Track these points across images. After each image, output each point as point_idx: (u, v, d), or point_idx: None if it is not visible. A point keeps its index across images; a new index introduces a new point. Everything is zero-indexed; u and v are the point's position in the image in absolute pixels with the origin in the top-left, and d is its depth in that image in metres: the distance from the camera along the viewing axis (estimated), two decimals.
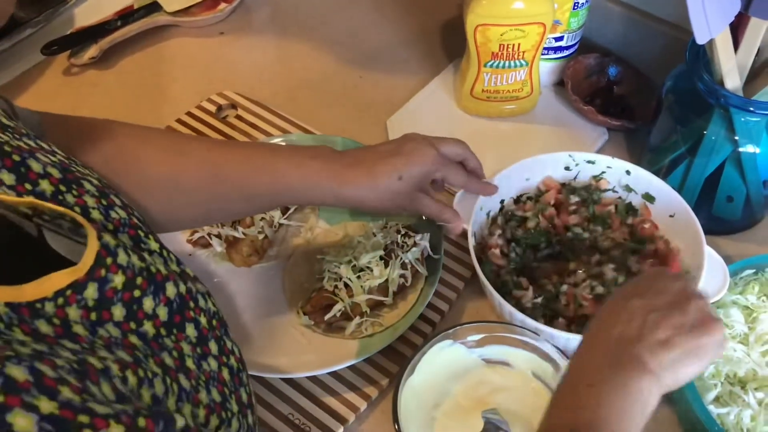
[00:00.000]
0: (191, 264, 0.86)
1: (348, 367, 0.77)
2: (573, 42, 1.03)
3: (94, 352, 0.42)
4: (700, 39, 0.76)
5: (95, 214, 0.51)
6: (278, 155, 0.73)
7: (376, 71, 1.12)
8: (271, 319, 0.82)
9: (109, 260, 0.46)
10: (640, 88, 1.03)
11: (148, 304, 0.49)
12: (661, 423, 0.76)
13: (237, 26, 1.19)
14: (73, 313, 0.44)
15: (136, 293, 0.48)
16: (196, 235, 0.86)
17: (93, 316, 0.45)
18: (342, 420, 0.75)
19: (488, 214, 0.85)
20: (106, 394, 0.39)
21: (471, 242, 0.80)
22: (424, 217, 0.88)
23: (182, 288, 0.51)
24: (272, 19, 1.21)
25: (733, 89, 0.80)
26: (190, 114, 1.03)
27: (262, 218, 0.86)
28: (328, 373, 0.78)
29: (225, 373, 0.53)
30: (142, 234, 0.54)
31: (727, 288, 0.75)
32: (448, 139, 0.80)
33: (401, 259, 0.82)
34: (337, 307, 0.79)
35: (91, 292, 0.45)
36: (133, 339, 0.47)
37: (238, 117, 1.03)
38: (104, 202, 0.53)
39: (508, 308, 0.75)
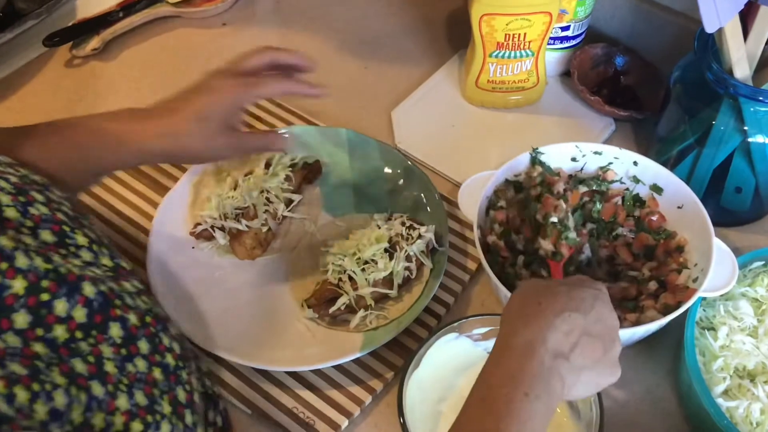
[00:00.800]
0: (194, 256, 0.85)
1: (353, 361, 0.77)
2: (580, 31, 1.02)
3: None
4: (709, 28, 0.75)
5: (10, 212, 0.49)
6: (71, 129, 0.71)
7: (381, 62, 1.11)
8: (275, 312, 0.81)
9: (4, 265, 0.44)
10: (648, 78, 1.02)
11: (60, 306, 0.46)
12: (670, 416, 0.75)
13: (240, 17, 1.18)
14: None
15: (44, 297, 0.45)
16: (200, 228, 0.85)
17: None
18: (347, 413, 0.75)
19: (494, 207, 0.84)
20: None
21: (476, 234, 0.79)
22: (429, 209, 0.88)
23: (104, 287, 0.49)
24: (275, 9, 1.20)
25: (743, 79, 0.79)
26: None
27: (266, 210, 0.85)
28: (333, 367, 0.77)
29: (156, 373, 0.50)
30: (67, 229, 0.52)
31: (736, 280, 0.74)
32: (246, 55, 0.76)
33: (406, 251, 0.81)
34: (342, 300, 0.79)
35: None
36: (37, 347, 0.44)
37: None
38: (22, 199, 0.51)
39: None
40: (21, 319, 0.44)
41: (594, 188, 0.85)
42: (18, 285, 0.44)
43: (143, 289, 0.54)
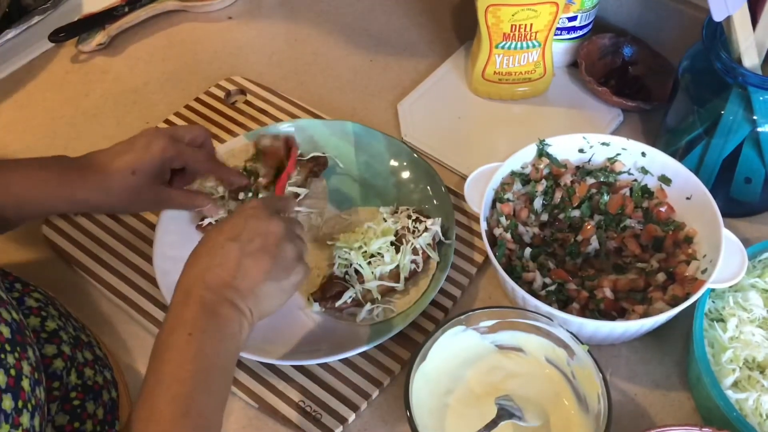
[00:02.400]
0: None
1: (359, 354, 0.77)
2: (587, 22, 1.01)
3: None
4: (717, 16, 0.74)
5: None
6: (3, 169, 0.74)
7: (387, 55, 1.11)
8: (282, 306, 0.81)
9: None
10: (656, 68, 1.01)
11: None
12: (679, 408, 0.75)
13: (245, 11, 1.18)
14: None
15: None
16: (206, 221, 0.85)
17: None
18: (353, 407, 0.75)
19: (500, 199, 0.84)
20: None
21: (483, 227, 0.79)
22: (435, 202, 0.87)
23: None
24: (281, 3, 1.20)
25: (752, 67, 0.78)
26: (198, 100, 1.02)
27: None
28: (340, 360, 0.77)
29: None
30: None
31: (746, 271, 0.74)
32: (184, 126, 0.82)
33: (412, 244, 0.81)
34: (348, 294, 0.78)
35: None
36: None
37: (247, 102, 1.02)
38: None
39: (521, 293, 0.73)
40: None
41: (602, 180, 0.85)
42: None
43: (4, 300, 0.55)
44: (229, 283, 0.62)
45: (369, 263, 0.79)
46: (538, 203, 0.84)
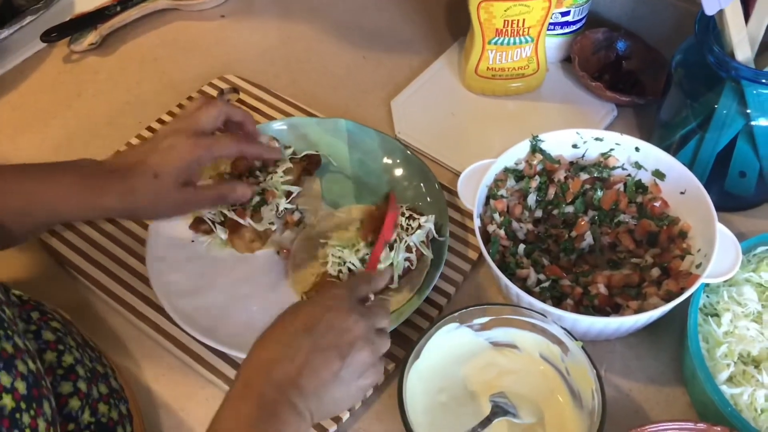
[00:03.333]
0: (194, 250, 0.85)
1: None
2: (580, 17, 1.01)
3: None
4: (709, 10, 0.74)
5: None
6: (27, 174, 0.71)
7: (380, 51, 1.10)
8: (275, 304, 0.80)
9: None
10: (650, 62, 1.01)
11: None
12: (674, 404, 0.75)
13: (238, 9, 1.17)
14: None
15: None
16: (202, 228, 0.85)
17: None
18: None
19: (494, 196, 0.83)
20: None
21: (476, 223, 0.78)
22: (429, 199, 0.87)
23: None
24: (273, 1, 1.19)
25: (745, 61, 0.78)
26: (191, 99, 1.02)
27: (270, 210, 0.85)
28: None
29: None
30: None
31: (740, 266, 0.73)
32: (202, 110, 0.76)
33: (406, 242, 0.80)
34: None
35: None
36: None
37: (240, 101, 1.02)
38: None
39: (515, 290, 0.73)
40: None
41: (595, 175, 0.84)
42: None
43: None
44: (294, 380, 0.58)
45: (362, 261, 0.79)
46: (531, 199, 0.84)
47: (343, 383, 0.60)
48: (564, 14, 0.99)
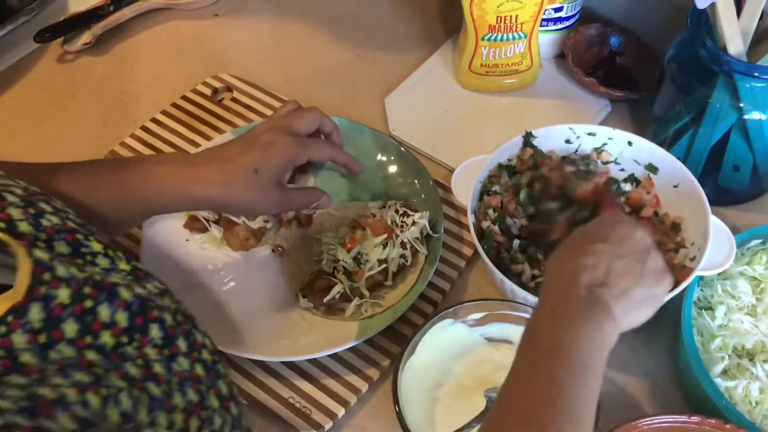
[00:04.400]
0: (188, 249, 0.85)
1: (348, 349, 0.76)
2: (573, 12, 1.01)
3: (46, 381, 0.40)
4: (701, 3, 0.74)
5: (23, 226, 0.48)
6: (123, 167, 0.71)
7: (374, 49, 1.10)
8: (270, 302, 0.81)
9: (47, 275, 0.43)
10: (644, 58, 1.01)
11: (104, 312, 0.46)
12: (669, 397, 0.75)
13: (231, 8, 1.17)
14: (19, 339, 0.41)
15: (88, 304, 0.45)
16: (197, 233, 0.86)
17: (42, 338, 0.42)
18: (343, 402, 0.74)
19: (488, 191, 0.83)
20: (65, 425, 0.37)
21: (471, 219, 0.78)
22: (423, 196, 0.87)
23: (138, 290, 0.49)
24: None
25: (737, 55, 0.78)
26: (185, 98, 1.02)
27: None
28: (329, 356, 0.77)
29: (199, 369, 0.50)
30: (81, 237, 0.51)
31: (734, 259, 0.73)
32: (298, 114, 0.78)
33: (401, 239, 0.80)
34: (336, 289, 0.78)
35: (36, 313, 0.42)
36: (91, 355, 0.44)
37: (234, 99, 1.02)
38: (32, 211, 0.49)
39: (510, 285, 0.73)
40: (70, 328, 0.44)
41: (581, 168, 0.84)
42: (64, 294, 0.44)
43: (165, 289, 0.54)
44: (603, 282, 0.59)
45: (355, 259, 0.79)
46: (523, 195, 0.83)
47: (645, 287, 0.61)
48: (557, 10, 0.99)
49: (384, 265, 0.80)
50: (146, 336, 0.48)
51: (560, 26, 1.01)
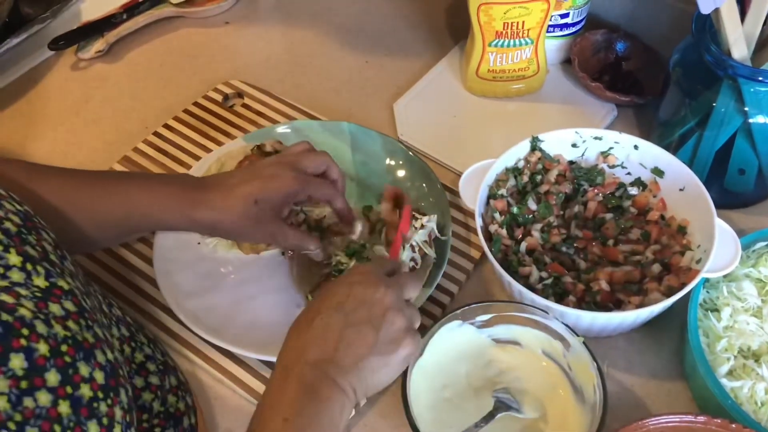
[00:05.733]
0: (199, 252, 0.86)
1: None
2: (579, 18, 1.02)
3: None
4: (705, 8, 0.75)
5: None
6: (129, 181, 0.74)
7: (382, 55, 1.12)
8: (280, 305, 0.82)
9: None
10: (649, 63, 1.02)
11: None
12: (675, 398, 0.76)
13: (242, 15, 1.19)
14: None
15: None
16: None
17: None
18: None
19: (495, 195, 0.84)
20: None
21: (478, 222, 0.79)
22: (431, 199, 0.88)
23: (5, 317, 0.46)
24: (277, 6, 1.21)
25: (741, 59, 0.79)
26: (197, 104, 1.03)
27: None
28: None
29: (63, 407, 0.47)
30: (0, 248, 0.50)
31: (739, 261, 0.74)
32: (308, 154, 0.78)
33: (410, 242, 0.81)
34: None
35: None
36: None
37: (245, 105, 1.03)
38: None
39: (518, 287, 0.74)
40: None
41: (584, 186, 0.85)
42: None
43: (77, 311, 0.52)
44: (331, 357, 0.58)
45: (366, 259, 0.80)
46: (530, 201, 0.84)
47: (381, 355, 0.60)
48: (563, 16, 1.00)
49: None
50: (2, 366, 0.45)
51: (566, 32, 1.03)
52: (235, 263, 0.86)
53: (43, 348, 0.47)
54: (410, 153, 0.92)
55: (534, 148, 0.85)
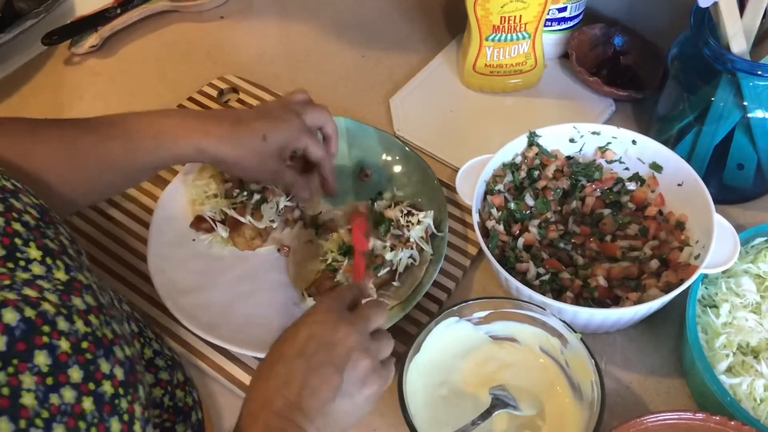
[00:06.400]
0: (195, 249, 0.85)
1: None
2: (577, 12, 1.01)
3: None
4: (703, 2, 0.74)
5: None
6: (129, 118, 0.73)
7: (379, 50, 1.11)
8: (277, 301, 0.82)
9: None
10: (648, 57, 1.01)
11: None
12: (674, 395, 0.75)
13: (237, 10, 1.18)
14: None
15: None
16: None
17: None
18: None
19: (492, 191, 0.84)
20: None
21: (475, 218, 0.79)
22: (428, 195, 0.87)
23: (29, 312, 0.46)
24: (273, 1, 1.20)
25: (740, 53, 0.78)
26: (191, 99, 1.03)
27: (271, 208, 0.85)
28: None
29: (87, 404, 0.47)
30: (19, 242, 0.50)
31: (738, 257, 0.74)
32: (312, 107, 0.81)
33: (408, 239, 0.81)
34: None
35: None
36: None
37: (240, 101, 1.02)
38: None
39: (515, 284, 0.74)
40: None
41: (582, 180, 0.85)
42: None
43: (96, 306, 0.52)
44: (295, 404, 0.57)
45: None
46: (528, 197, 0.83)
47: (347, 396, 0.59)
48: (561, 10, 0.99)
49: (388, 268, 0.80)
50: (29, 362, 0.45)
51: (564, 26, 1.02)
52: (230, 260, 0.85)
53: (64, 345, 0.47)
54: (407, 148, 0.91)
55: (531, 143, 0.85)
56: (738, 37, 0.78)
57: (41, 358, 0.46)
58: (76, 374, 0.47)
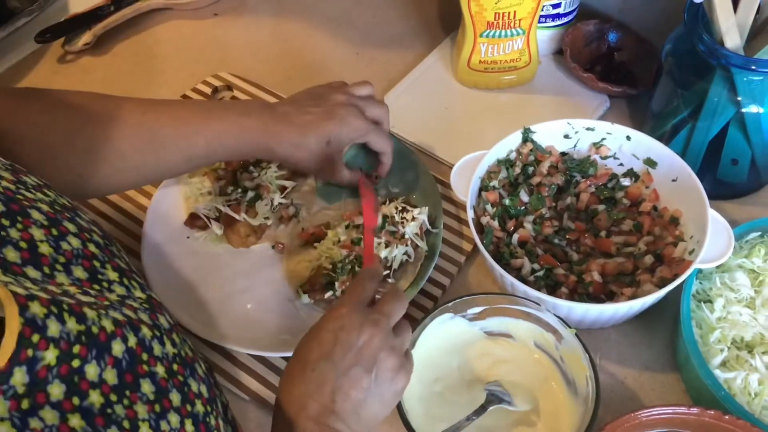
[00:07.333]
0: (189, 246, 0.85)
1: None
2: (571, 8, 1.01)
3: None
4: None
5: (44, 248, 0.46)
6: (213, 115, 0.76)
7: (373, 47, 1.11)
8: (271, 298, 0.81)
9: (36, 337, 0.39)
10: (642, 53, 1.01)
11: (91, 371, 0.42)
12: (669, 390, 0.75)
13: (231, 7, 1.18)
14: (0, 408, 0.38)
15: (75, 363, 0.41)
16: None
17: (25, 404, 0.38)
18: None
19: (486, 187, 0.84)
20: None
21: (470, 214, 0.79)
22: (422, 192, 0.87)
23: (132, 341, 0.46)
24: None
25: (734, 48, 0.78)
26: (185, 97, 1.02)
27: (266, 205, 0.85)
28: None
29: (188, 426, 0.47)
30: (97, 264, 0.49)
31: (732, 251, 0.74)
32: (374, 103, 0.83)
33: (403, 235, 0.81)
34: (337, 285, 0.78)
35: (19, 377, 0.38)
36: (75, 421, 0.40)
37: (234, 98, 1.02)
38: (55, 232, 0.48)
39: (510, 279, 0.74)
40: (56, 390, 0.40)
41: (576, 177, 0.84)
42: (50, 356, 0.40)
43: (175, 323, 0.52)
44: (329, 408, 0.58)
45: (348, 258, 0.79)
46: (522, 193, 0.83)
47: (377, 395, 0.60)
48: (555, 6, 0.99)
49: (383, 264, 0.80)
50: (137, 392, 0.45)
51: (558, 22, 1.02)
52: (224, 257, 0.85)
53: (161, 370, 0.47)
54: (401, 145, 0.91)
55: (526, 139, 0.85)
56: (732, 33, 0.77)
57: (146, 387, 0.45)
58: (175, 398, 0.47)
